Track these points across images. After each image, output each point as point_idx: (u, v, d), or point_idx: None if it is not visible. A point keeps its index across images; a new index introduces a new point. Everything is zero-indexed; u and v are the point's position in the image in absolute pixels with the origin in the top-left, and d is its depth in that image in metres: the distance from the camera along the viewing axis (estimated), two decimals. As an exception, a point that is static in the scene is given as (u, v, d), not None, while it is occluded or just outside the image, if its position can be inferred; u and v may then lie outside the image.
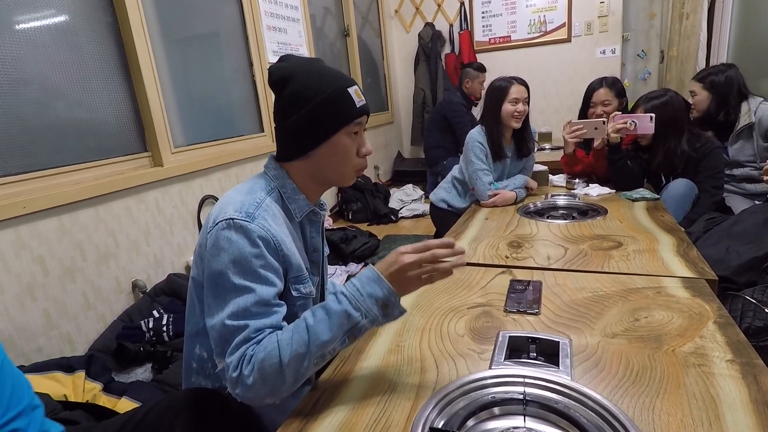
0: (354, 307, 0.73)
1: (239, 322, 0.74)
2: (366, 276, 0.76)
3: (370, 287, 0.74)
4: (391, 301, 0.75)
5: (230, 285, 0.76)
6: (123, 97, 1.91)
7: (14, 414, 0.68)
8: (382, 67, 4.67)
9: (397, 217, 3.59)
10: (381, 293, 0.74)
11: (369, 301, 0.73)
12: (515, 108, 1.93)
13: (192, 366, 0.93)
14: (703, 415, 0.65)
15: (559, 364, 0.79)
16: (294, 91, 0.84)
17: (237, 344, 0.73)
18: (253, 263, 0.76)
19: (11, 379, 0.70)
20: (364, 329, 0.75)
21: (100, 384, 1.35)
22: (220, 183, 2.38)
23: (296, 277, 0.85)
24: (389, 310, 0.75)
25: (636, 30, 4.29)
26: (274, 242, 0.80)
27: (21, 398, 0.70)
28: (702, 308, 0.94)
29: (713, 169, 1.90)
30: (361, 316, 0.73)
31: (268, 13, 2.83)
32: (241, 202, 0.81)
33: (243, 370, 0.71)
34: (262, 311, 0.76)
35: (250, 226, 0.77)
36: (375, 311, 0.74)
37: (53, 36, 1.65)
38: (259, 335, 0.74)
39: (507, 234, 1.55)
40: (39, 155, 1.58)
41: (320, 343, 0.72)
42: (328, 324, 0.73)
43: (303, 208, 0.91)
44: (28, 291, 1.47)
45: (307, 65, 0.87)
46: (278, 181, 0.89)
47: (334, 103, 0.84)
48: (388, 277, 0.74)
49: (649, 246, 1.31)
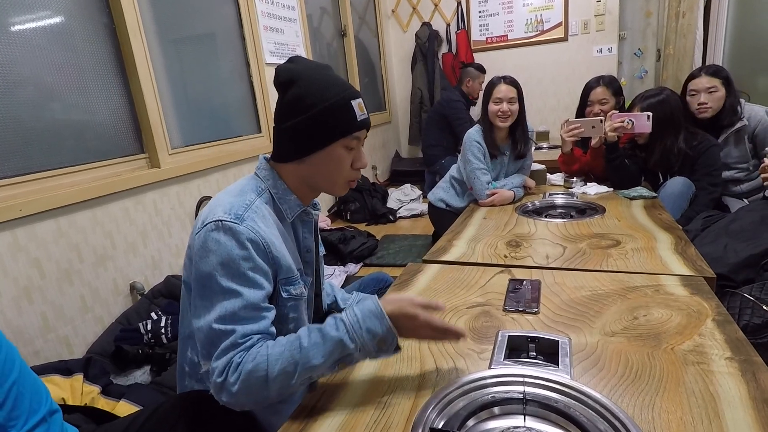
0: (350, 338, 0.72)
1: (226, 327, 0.73)
2: (369, 309, 0.74)
3: (371, 322, 0.73)
4: (388, 340, 0.74)
5: (218, 287, 0.75)
6: (119, 98, 1.91)
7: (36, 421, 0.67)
8: (380, 67, 4.67)
9: (395, 217, 3.59)
10: (380, 330, 0.73)
11: (366, 336, 0.73)
12: (498, 107, 1.94)
13: (185, 369, 0.93)
14: (702, 413, 0.65)
15: (558, 363, 0.79)
16: (298, 94, 0.84)
17: (224, 349, 0.72)
18: (242, 266, 0.76)
19: (30, 385, 0.69)
20: (356, 360, 0.75)
21: (99, 387, 1.34)
22: (217, 184, 2.38)
23: (286, 278, 0.85)
24: (385, 347, 0.75)
25: (632, 28, 4.30)
26: (264, 244, 0.79)
27: (40, 404, 0.70)
28: (700, 306, 0.94)
29: (710, 166, 1.90)
30: (355, 348, 0.73)
31: (265, 14, 2.83)
32: (230, 203, 0.81)
33: (228, 377, 0.71)
34: (250, 316, 0.75)
35: (239, 228, 0.77)
36: (370, 346, 0.73)
37: (49, 37, 1.64)
38: (246, 341, 0.73)
39: (505, 233, 1.55)
40: (35, 157, 1.58)
41: (310, 366, 0.72)
42: (322, 349, 0.72)
43: (294, 209, 0.91)
44: (24, 294, 1.46)
45: (314, 70, 0.86)
46: (269, 182, 0.89)
47: (335, 113, 0.84)
48: (391, 317, 0.74)
49: (648, 244, 1.32)
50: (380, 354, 0.75)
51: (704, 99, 1.96)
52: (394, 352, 0.77)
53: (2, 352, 0.65)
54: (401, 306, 0.75)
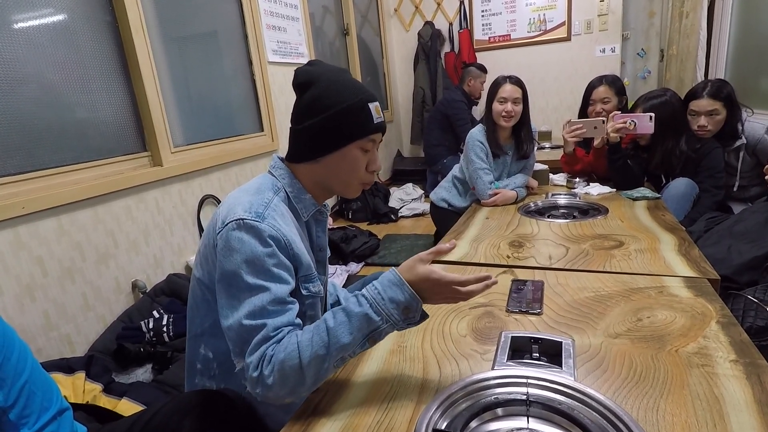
0: (375, 311, 0.72)
1: (257, 322, 0.73)
2: (387, 279, 0.74)
3: (392, 291, 0.73)
4: (413, 306, 0.73)
5: (244, 285, 0.75)
6: (122, 96, 1.90)
7: (48, 419, 0.68)
8: (382, 66, 4.67)
9: (397, 217, 3.59)
10: (402, 298, 0.73)
11: (390, 306, 0.72)
12: (503, 107, 1.94)
13: (196, 367, 0.93)
14: (707, 416, 0.65)
15: (562, 364, 0.78)
16: (315, 95, 0.85)
17: (257, 344, 0.73)
18: (266, 262, 0.76)
19: (42, 384, 0.69)
20: (385, 333, 0.74)
21: (101, 385, 1.34)
22: (219, 183, 2.37)
23: (306, 276, 0.85)
24: (411, 314, 0.74)
25: (636, 28, 4.29)
26: (285, 241, 0.80)
27: (51, 402, 0.70)
28: (705, 308, 0.94)
29: (713, 169, 1.90)
30: (381, 320, 0.72)
31: (268, 12, 2.82)
32: (249, 202, 0.81)
33: (263, 370, 0.71)
34: (279, 309, 0.76)
35: (261, 225, 0.77)
36: (396, 316, 0.73)
37: (52, 35, 1.64)
38: (278, 333, 0.74)
39: (508, 233, 1.54)
40: (38, 155, 1.57)
41: (340, 345, 0.71)
42: (349, 327, 0.72)
43: (309, 208, 0.91)
44: (27, 292, 1.46)
45: (333, 74, 0.87)
46: (285, 181, 0.89)
47: (352, 115, 0.85)
48: (411, 284, 0.73)
49: (651, 245, 1.31)
50: (408, 323, 0.75)
51: (704, 122, 1.91)
52: (421, 320, 0.76)
53: (15, 351, 0.66)
54: (416, 271, 0.74)
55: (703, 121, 1.92)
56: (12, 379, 0.64)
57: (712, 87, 1.92)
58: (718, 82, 1.95)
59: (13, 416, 0.63)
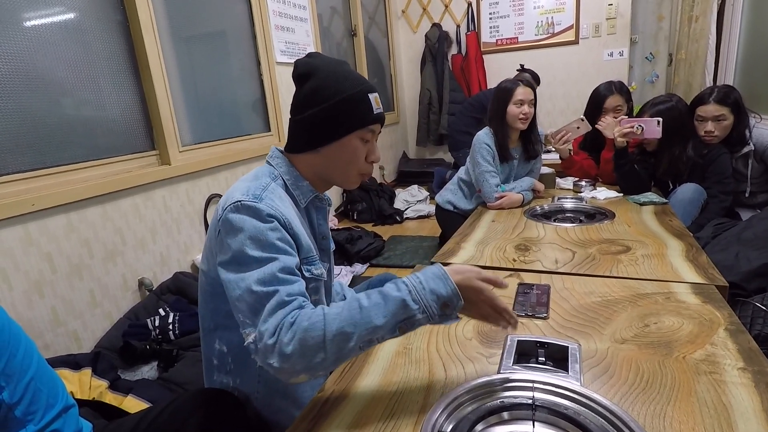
0: (413, 299, 0.70)
1: (269, 288, 0.71)
2: (431, 271, 0.73)
3: (435, 283, 0.71)
4: (453, 302, 0.71)
5: (251, 259, 0.74)
6: (131, 95, 1.92)
7: (53, 416, 0.68)
8: (389, 68, 4.67)
9: (402, 218, 3.59)
10: (444, 291, 0.70)
11: (430, 297, 0.70)
12: (520, 110, 1.94)
13: (213, 363, 0.93)
14: (715, 424, 0.64)
15: (568, 369, 0.78)
16: (315, 86, 0.85)
17: (271, 309, 0.70)
18: (270, 236, 0.76)
19: (48, 380, 0.70)
20: (418, 324, 0.71)
21: (107, 381, 1.35)
22: (227, 182, 2.39)
23: (307, 258, 0.85)
24: (448, 311, 0.71)
25: (644, 32, 4.27)
26: (284, 220, 0.80)
27: (56, 398, 0.70)
28: (713, 315, 0.93)
29: (720, 174, 1.88)
30: (418, 309, 0.69)
31: (276, 13, 2.84)
32: (246, 187, 0.82)
33: (282, 336, 0.67)
34: (289, 278, 0.74)
35: (259, 205, 0.78)
36: (434, 308, 0.70)
37: (63, 33, 1.66)
38: (293, 300, 0.72)
39: (514, 237, 1.54)
40: (48, 153, 1.59)
41: (371, 327, 0.68)
42: (383, 309, 0.69)
43: (307, 194, 0.92)
44: (35, 288, 1.48)
45: (333, 65, 0.88)
46: (282, 169, 0.90)
47: (352, 105, 0.85)
48: (458, 286, 0.71)
49: (658, 251, 1.30)
50: (443, 319, 0.72)
51: (711, 127, 1.90)
52: (454, 320, 0.74)
53: (21, 347, 0.66)
54: (468, 277, 0.72)
55: (710, 127, 1.91)
56: (18, 375, 0.65)
57: (719, 92, 1.92)
58: (725, 88, 1.94)
59: (18, 413, 0.64)
